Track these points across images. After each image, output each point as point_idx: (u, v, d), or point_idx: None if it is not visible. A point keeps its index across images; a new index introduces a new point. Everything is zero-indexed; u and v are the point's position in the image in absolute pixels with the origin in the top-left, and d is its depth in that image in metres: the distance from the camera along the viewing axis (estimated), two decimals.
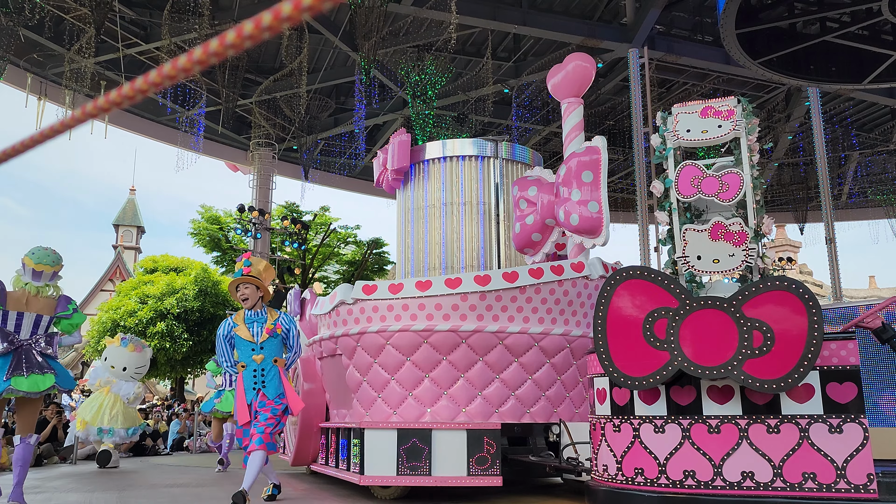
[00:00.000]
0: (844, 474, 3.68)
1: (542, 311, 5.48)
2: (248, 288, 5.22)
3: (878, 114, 20.21)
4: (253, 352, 5.14)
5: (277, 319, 5.24)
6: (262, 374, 5.12)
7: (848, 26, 12.18)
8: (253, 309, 5.25)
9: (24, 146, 1.21)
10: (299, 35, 15.70)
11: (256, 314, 5.24)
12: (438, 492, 5.34)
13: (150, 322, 20.32)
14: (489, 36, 16.15)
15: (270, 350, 5.19)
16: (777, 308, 3.83)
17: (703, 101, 4.67)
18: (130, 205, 45.73)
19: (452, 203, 7.62)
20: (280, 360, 5.21)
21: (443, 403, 5.36)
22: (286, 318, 5.32)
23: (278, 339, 5.26)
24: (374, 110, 19.00)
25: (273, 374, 5.14)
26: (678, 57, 16.15)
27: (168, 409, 18.23)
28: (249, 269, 5.25)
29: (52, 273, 5.27)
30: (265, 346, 5.17)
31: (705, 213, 4.56)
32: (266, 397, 5.07)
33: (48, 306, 5.19)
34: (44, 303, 5.17)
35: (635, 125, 13.48)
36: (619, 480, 4.16)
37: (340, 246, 25.96)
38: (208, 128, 18.93)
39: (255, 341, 5.15)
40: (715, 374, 3.83)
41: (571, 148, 6.61)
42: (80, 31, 14.53)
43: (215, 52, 0.98)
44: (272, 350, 5.20)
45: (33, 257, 5.18)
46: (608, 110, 19.17)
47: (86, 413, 8.74)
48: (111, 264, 42.35)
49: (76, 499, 5.65)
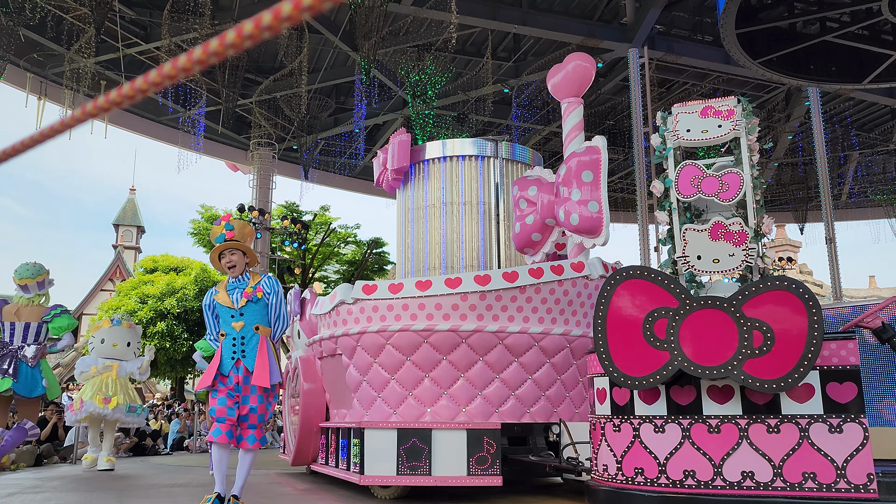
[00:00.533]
0: (844, 474, 3.68)
1: (542, 311, 5.48)
2: (235, 254, 4.74)
3: (878, 114, 20.21)
4: (232, 318, 4.68)
5: (259, 283, 4.73)
6: (241, 343, 4.61)
7: (848, 26, 12.18)
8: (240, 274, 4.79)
9: (24, 146, 1.21)
10: (299, 35, 15.70)
11: (239, 280, 4.76)
12: (438, 492, 5.34)
13: (150, 322, 20.33)
14: (489, 36, 16.15)
15: (251, 316, 4.68)
16: (777, 308, 3.83)
17: (703, 101, 4.67)
18: (130, 205, 45.75)
19: (452, 203, 7.62)
20: (264, 328, 4.68)
21: (443, 403, 5.36)
22: (269, 281, 4.79)
23: (260, 304, 4.72)
24: (374, 110, 19.00)
25: (254, 343, 4.63)
26: (678, 57, 16.15)
27: (168, 408, 18.23)
28: (233, 233, 4.75)
29: (36, 283, 5.96)
30: (245, 312, 4.68)
31: (705, 212, 4.56)
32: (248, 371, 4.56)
33: (37, 314, 5.88)
34: (33, 311, 5.86)
35: (635, 125, 13.48)
36: (619, 480, 4.16)
37: (340, 246, 25.98)
38: (208, 128, 18.94)
39: (235, 307, 4.68)
40: (715, 373, 3.83)
41: (571, 148, 6.61)
42: (80, 31, 14.53)
43: (215, 52, 0.98)
44: (253, 316, 4.68)
45: (16, 274, 5.98)
46: (608, 110, 19.17)
47: (86, 392, 8.41)
48: (111, 264, 42.35)
49: (76, 499, 5.65)
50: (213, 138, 19.60)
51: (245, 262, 4.77)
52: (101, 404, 8.18)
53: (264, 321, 4.71)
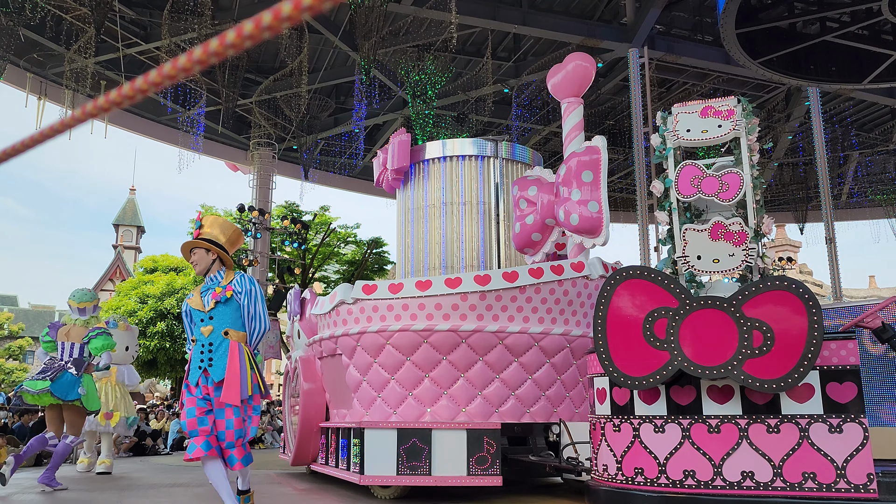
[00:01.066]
0: (844, 474, 3.68)
1: (542, 311, 5.48)
2: (197, 252, 4.35)
3: (878, 114, 20.19)
4: (202, 322, 4.22)
5: (231, 281, 4.28)
6: (209, 350, 4.13)
7: (848, 26, 12.17)
8: (208, 274, 4.36)
9: (24, 146, 1.21)
10: (299, 35, 15.70)
11: (212, 279, 4.33)
12: (438, 491, 5.34)
13: (150, 322, 20.31)
14: (489, 36, 16.14)
15: (221, 320, 4.20)
16: (777, 308, 3.83)
17: (703, 101, 4.68)
18: (130, 205, 45.77)
19: (452, 203, 7.62)
20: (235, 333, 4.18)
21: (443, 403, 5.36)
22: (241, 279, 4.31)
23: (231, 305, 4.24)
24: (374, 110, 18.99)
25: (223, 350, 4.12)
26: (678, 57, 16.14)
27: (168, 408, 18.23)
28: (199, 231, 4.44)
29: (92, 307, 6.89)
30: (214, 316, 4.21)
31: (705, 212, 4.57)
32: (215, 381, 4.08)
33: (82, 334, 6.58)
34: (80, 331, 6.60)
35: (635, 125, 13.48)
36: (619, 480, 4.16)
37: (340, 246, 25.97)
38: (208, 128, 18.92)
39: (204, 310, 4.23)
40: (715, 373, 3.83)
41: (571, 148, 6.62)
42: (80, 31, 14.52)
43: (215, 52, 0.98)
44: (223, 320, 4.20)
45: (74, 298, 6.90)
46: (608, 110, 19.16)
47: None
48: (111, 264, 42.38)
49: (76, 499, 5.65)
50: (213, 138, 19.59)
51: (212, 260, 4.35)
52: (103, 421, 8.28)
53: (237, 325, 4.23)
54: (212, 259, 4.34)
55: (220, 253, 4.34)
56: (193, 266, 4.38)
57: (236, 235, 4.53)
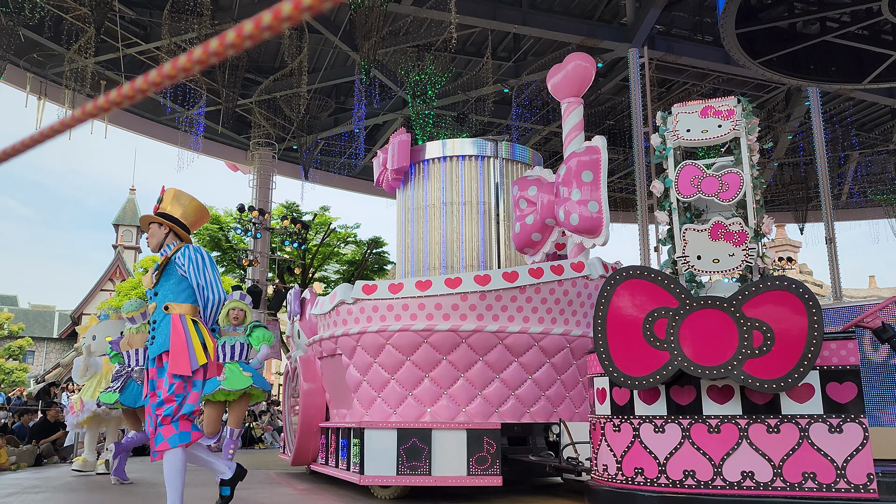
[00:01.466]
0: (844, 474, 3.68)
1: (542, 311, 5.48)
2: (151, 227, 4.13)
3: (878, 114, 20.19)
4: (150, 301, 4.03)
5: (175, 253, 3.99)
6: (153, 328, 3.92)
7: (848, 26, 12.18)
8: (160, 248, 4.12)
9: (24, 146, 1.21)
10: (299, 35, 15.70)
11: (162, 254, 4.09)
12: (438, 492, 5.34)
13: None
14: (489, 36, 16.14)
15: (163, 293, 3.94)
16: (777, 308, 3.83)
17: (703, 101, 4.68)
18: (130, 204, 45.74)
19: (452, 203, 7.62)
20: (177, 306, 3.89)
21: (443, 403, 5.36)
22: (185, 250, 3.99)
23: (174, 278, 3.96)
24: (374, 110, 18.99)
25: (164, 324, 3.85)
26: (678, 57, 16.15)
27: None
28: (157, 205, 4.20)
29: (140, 314, 7.24)
30: (159, 291, 3.98)
31: (705, 212, 4.57)
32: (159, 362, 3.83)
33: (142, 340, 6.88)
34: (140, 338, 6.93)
35: (635, 125, 13.49)
36: (619, 480, 4.16)
37: (340, 246, 25.97)
38: (208, 128, 18.93)
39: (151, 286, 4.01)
40: (715, 373, 3.83)
41: (571, 148, 6.62)
42: (80, 31, 14.52)
43: (215, 52, 0.98)
44: (165, 293, 3.93)
45: (123, 311, 7.48)
46: (608, 110, 19.16)
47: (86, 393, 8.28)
48: (111, 264, 42.36)
49: (76, 499, 5.65)
50: (213, 138, 19.59)
51: (164, 234, 4.11)
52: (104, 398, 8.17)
53: (180, 298, 3.92)
54: (164, 233, 4.12)
55: (172, 227, 4.11)
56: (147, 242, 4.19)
57: (197, 211, 4.28)
